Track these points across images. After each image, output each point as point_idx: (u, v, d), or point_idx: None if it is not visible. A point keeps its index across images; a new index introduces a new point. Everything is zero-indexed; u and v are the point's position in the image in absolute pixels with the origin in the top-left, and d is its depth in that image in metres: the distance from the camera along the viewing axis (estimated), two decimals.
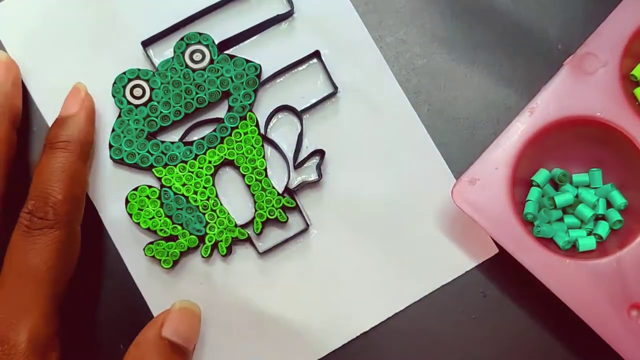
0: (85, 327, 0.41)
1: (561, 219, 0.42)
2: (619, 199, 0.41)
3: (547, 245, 0.40)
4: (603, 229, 0.41)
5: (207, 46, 0.41)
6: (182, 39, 0.41)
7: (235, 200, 0.42)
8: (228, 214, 0.41)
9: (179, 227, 0.41)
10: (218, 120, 0.42)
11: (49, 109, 0.42)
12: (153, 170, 0.41)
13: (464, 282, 0.42)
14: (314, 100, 0.42)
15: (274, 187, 0.41)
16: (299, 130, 0.42)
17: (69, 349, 0.38)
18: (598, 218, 0.42)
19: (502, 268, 0.42)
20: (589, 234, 0.41)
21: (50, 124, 0.41)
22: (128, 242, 0.41)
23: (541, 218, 0.41)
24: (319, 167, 0.42)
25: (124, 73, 0.41)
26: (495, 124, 0.43)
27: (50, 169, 0.38)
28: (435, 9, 0.44)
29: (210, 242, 0.41)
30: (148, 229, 0.41)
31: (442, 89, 0.44)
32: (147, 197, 0.41)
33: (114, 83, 0.41)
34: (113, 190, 0.42)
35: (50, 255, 0.37)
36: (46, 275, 0.36)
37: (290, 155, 0.42)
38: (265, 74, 0.42)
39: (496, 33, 0.44)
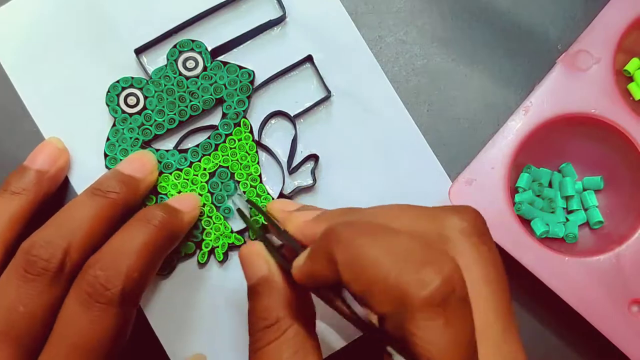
0: None
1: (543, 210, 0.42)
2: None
3: (545, 243, 0.40)
4: (573, 225, 0.42)
5: (200, 53, 0.42)
6: (174, 46, 0.41)
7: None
8: (224, 220, 0.41)
9: None
10: (212, 128, 0.42)
11: (41, 117, 0.42)
12: None
13: None
14: (307, 105, 0.42)
15: (269, 193, 0.42)
16: (293, 135, 0.42)
17: None
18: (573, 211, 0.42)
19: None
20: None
21: (43, 132, 0.42)
22: None
23: (523, 197, 0.41)
24: (313, 172, 0.42)
25: (118, 81, 0.41)
26: (495, 124, 0.43)
27: (134, 240, 0.35)
28: (435, 9, 0.44)
29: (206, 248, 0.41)
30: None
31: (442, 89, 0.43)
32: (144, 205, 0.41)
33: (108, 92, 0.41)
34: None
35: (107, 335, 0.33)
36: (97, 356, 0.34)
37: (284, 161, 0.42)
38: (258, 80, 0.42)
39: (496, 33, 0.44)
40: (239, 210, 0.40)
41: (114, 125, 0.41)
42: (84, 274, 0.34)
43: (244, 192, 0.41)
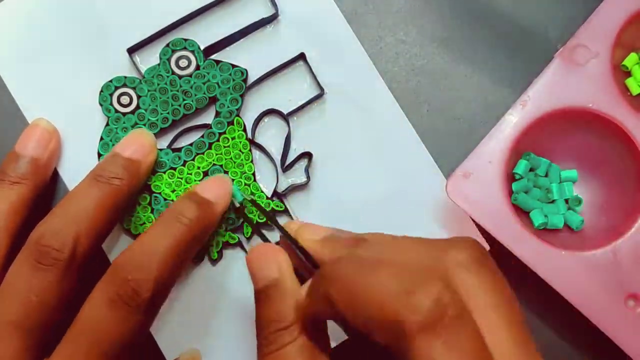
0: None
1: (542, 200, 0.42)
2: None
3: (542, 237, 0.40)
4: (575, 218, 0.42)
5: (192, 52, 0.42)
6: (167, 45, 0.42)
7: None
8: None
9: None
10: (205, 126, 0.42)
11: (35, 117, 0.42)
12: None
13: None
14: (300, 103, 0.42)
15: (262, 191, 0.42)
16: (287, 133, 0.42)
17: None
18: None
19: (502, 269, 0.41)
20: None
21: None
22: (119, 249, 0.41)
23: (520, 187, 0.41)
24: (307, 170, 0.42)
25: (111, 81, 0.41)
26: (495, 124, 0.42)
27: (168, 243, 0.35)
28: (435, 9, 0.44)
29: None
30: (139, 235, 0.41)
31: (442, 89, 0.43)
32: (138, 203, 0.41)
33: (101, 91, 0.41)
34: None
35: (129, 341, 0.34)
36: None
37: (278, 159, 0.42)
38: (251, 78, 0.42)
39: (496, 33, 0.44)
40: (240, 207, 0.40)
41: (107, 124, 0.41)
42: (114, 274, 0.34)
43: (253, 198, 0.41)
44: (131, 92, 0.41)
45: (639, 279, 0.39)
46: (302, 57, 0.42)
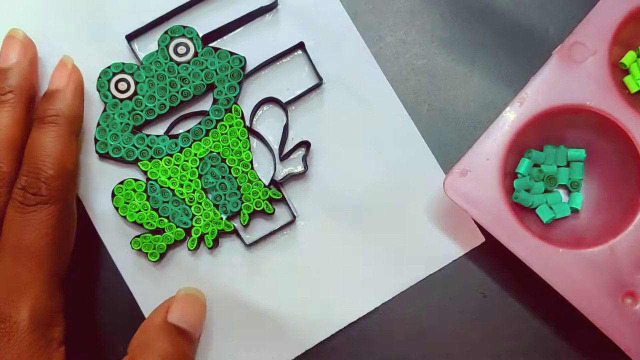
0: (73, 321, 0.41)
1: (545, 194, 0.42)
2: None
3: (540, 234, 0.39)
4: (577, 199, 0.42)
5: (191, 39, 0.41)
6: (166, 32, 0.41)
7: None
8: (213, 206, 0.41)
9: (165, 220, 0.41)
10: (203, 113, 0.42)
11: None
12: (139, 163, 0.41)
13: (463, 282, 0.42)
14: (299, 92, 0.42)
15: (260, 179, 0.41)
16: (285, 122, 0.42)
17: None
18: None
19: (502, 269, 0.42)
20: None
21: None
22: (114, 236, 0.41)
23: (521, 185, 0.41)
24: (304, 159, 0.42)
25: (109, 67, 0.41)
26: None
27: (40, 143, 0.38)
28: (435, 9, 0.44)
29: (196, 234, 0.41)
30: (134, 222, 0.41)
31: (442, 89, 0.43)
32: (133, 190, 0.41)
33: (99, 77, 0.41)
34: (99, 184, 0.42)
35: (47, 231, 0.37)
36: (44, 252, 0.37)
37: (276, 147, 0.42)
38: (250, 66, 0.42)
39: (496, 33, 0.44)
40: None
41: (104, 110, 0.41)
42: (15, 189, 0.37)
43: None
44: (129, 78, 0.41)
45: (636, 276, 0.38)
46: (301, 46, 0.42)
